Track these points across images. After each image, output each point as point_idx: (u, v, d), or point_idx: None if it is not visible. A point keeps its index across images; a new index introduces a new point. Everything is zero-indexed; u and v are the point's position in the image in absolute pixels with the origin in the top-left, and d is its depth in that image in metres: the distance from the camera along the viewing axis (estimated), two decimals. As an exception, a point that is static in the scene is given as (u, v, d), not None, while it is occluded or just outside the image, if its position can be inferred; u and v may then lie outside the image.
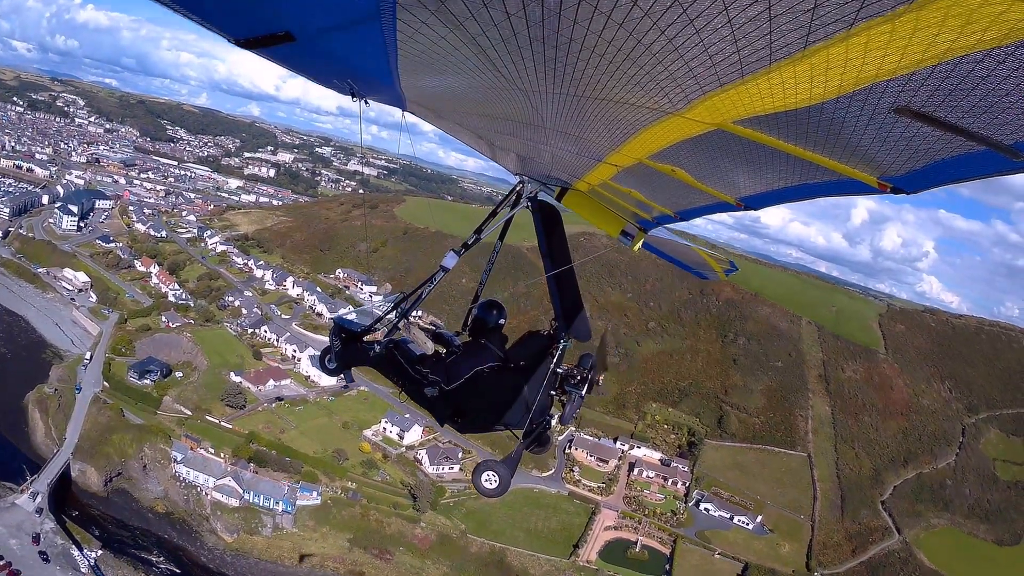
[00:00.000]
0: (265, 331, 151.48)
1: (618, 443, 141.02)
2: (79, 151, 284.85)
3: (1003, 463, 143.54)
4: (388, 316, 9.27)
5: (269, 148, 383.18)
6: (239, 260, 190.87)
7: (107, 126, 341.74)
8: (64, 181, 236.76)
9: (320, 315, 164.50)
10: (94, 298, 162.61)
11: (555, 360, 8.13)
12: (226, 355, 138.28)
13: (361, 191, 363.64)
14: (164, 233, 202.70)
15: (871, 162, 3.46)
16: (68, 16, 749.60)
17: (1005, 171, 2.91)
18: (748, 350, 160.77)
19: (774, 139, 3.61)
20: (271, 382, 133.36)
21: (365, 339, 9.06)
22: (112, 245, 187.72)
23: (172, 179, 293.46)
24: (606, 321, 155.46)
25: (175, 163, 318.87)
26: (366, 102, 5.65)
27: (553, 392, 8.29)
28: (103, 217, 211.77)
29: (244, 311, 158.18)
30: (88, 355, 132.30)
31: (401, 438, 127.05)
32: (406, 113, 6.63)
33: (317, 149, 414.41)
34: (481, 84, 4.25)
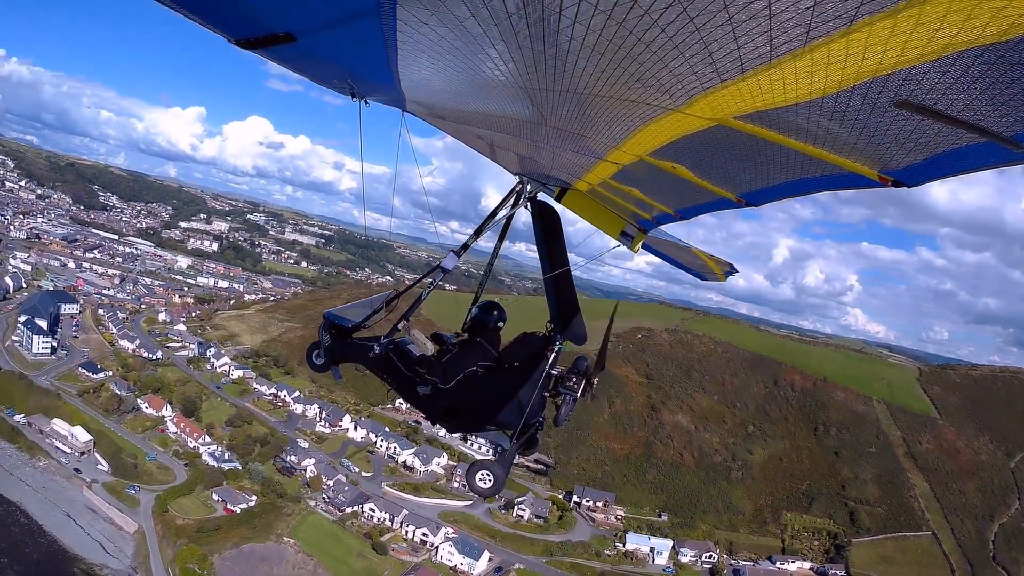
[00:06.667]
0: (372, 511, 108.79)
1: (778, 564, 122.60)
2: (16, 224, 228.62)
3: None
4: (379, 313, 8.41)
5: (202, 216, 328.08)
6: (264, 388, 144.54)
7: (39, 191, 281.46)
8: (11, 270, 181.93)
9: (412, 469, 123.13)
10: (105, 466, 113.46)
11: (550, 361, 7.54)
12: (346, 559, 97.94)
13: (304, 263, 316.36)
14: (159, 354, 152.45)
15: (872, 156, 3.26)
16: None
17: (1006, 162, 2.79)
18: (843, 440, 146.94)
19: (775, 134, 3.39)
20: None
21: (361, 338, 8.31)
22: (102, 376, 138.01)
23: (120, 259, 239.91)
24: (712, 433, 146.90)
25: (116, 237, 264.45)
26: (366, 102, 5.29)
27: (547, 394, 7.59)
28: (74, 328, 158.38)
29: (326, 480, 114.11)
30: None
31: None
32: (405, 113, 6.15)
33: (249, 216, 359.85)
34: (481, 83, 3.99)
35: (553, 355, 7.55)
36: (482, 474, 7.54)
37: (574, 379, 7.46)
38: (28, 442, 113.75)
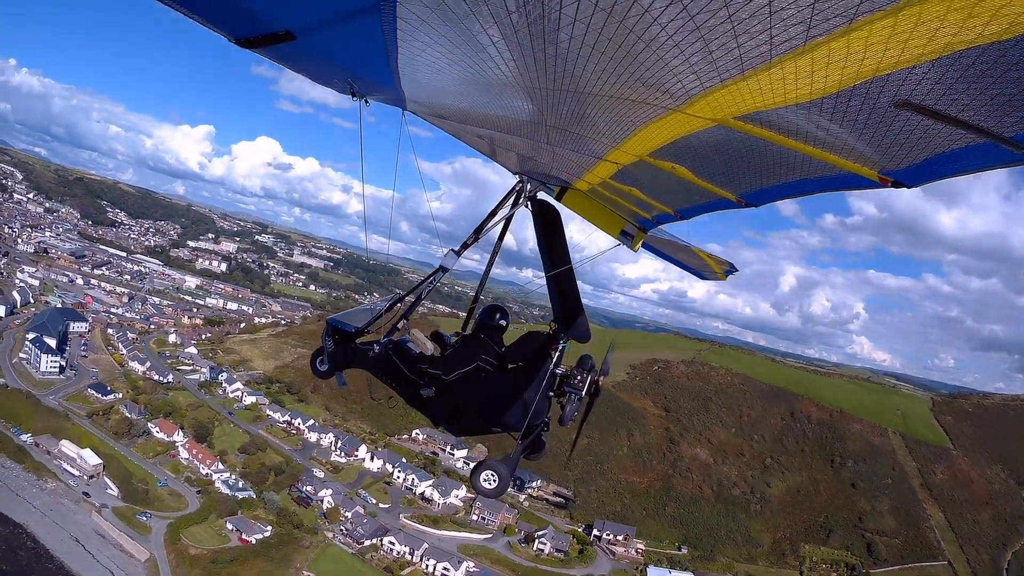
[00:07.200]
0: (391, 544, 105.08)
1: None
2: (24, 237, 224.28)
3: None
4: (383, 317, 8.27)
5: (210, 235, 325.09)
6: (277, 416, 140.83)
7: (47, 205, 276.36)
8: (19, 284, 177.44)
9: (430, 501, 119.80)
10: (115, 490, 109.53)
11: (554, 360, 7.44)
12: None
13: (313, 286, 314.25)
14: (170, 377, 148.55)
15: (872, 156, 3.24)
16: (2, 78, 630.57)
17: (1005, 163, 2.77)
18: (859, 472, 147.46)
19: (775, 134, 3.38)
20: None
21: (364, 343, 8.15)
22: (111, 398, 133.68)
23: (128, 276, 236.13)
24: (731, 466, 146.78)
25: (124, 254, 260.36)
26: (366, 102, 5.25)
27: (551, 393, 7.49)
28: (83, 347, 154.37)
29: (344, 512, 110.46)
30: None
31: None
32: (406, 112, 6.07)
33: (258, 237, 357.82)
34: (481, 81, 3.95)
35: (557, 354, 7.46)
36: (487, 474, 7.40)
37: (578, 378, 7.37)
38: (35, 463, 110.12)
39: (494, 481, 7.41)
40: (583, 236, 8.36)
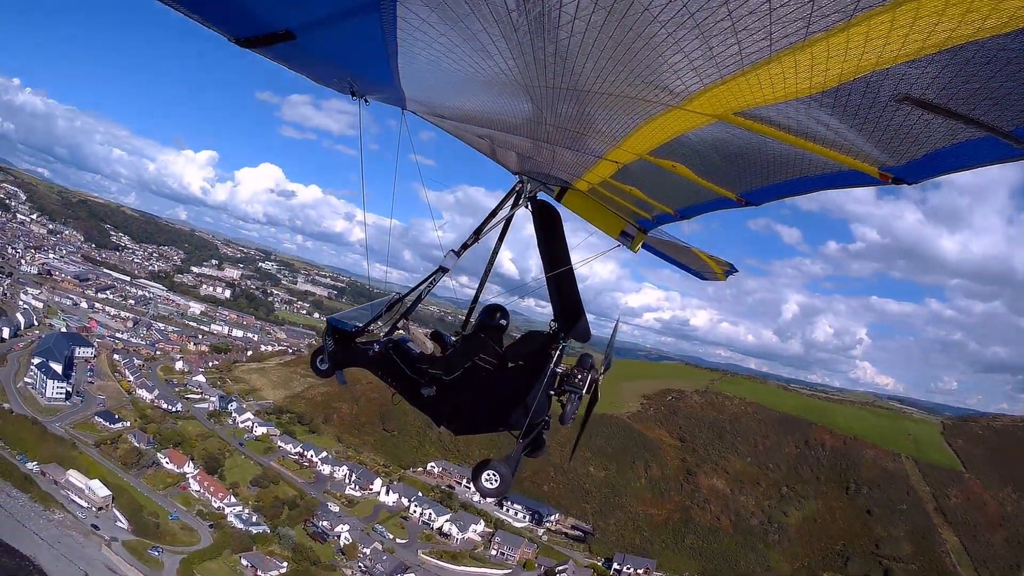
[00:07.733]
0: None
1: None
2: (28, 259, 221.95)
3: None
4: (382, 317, 8.26)
5: (214, 261, 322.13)
6: (289, 447, 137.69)
7: (50, 226, 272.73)
8: (23, 306, 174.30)
9: (448, 536, 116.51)
10: (124, 523, 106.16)
11: (555, 360, 7.39)
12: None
13: (317, 314, 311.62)
14: (179, 406, 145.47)
15: (872, 152, 3.22)
16: (6, 97, 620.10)
17: (1006, 158, 2.76)
18: (874, 499, 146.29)
19: (775, 130, 3.36)
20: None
21: (364, 342, 8.10)
22: (119, 427, 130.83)
23: (132, 301, 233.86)
24: (748, 496, 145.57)
25: (128, 279, 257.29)
26: (366, 101, 5.27)
27: (552, 392, 7.43)
28: (89, 373, 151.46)
29: (362, 548, 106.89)
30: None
31: None
32: (406, 112, 6.06)
33: (261, 264, 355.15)
34: (481, 80, 3.94)
35: (557, 353, 7.42)
36: (488, 474, 7.29)
37: (579, 377, 7.33)
38: (42, 492, 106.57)
39: (495, 481, 7.28)
40: (585, 266, 8.19)
